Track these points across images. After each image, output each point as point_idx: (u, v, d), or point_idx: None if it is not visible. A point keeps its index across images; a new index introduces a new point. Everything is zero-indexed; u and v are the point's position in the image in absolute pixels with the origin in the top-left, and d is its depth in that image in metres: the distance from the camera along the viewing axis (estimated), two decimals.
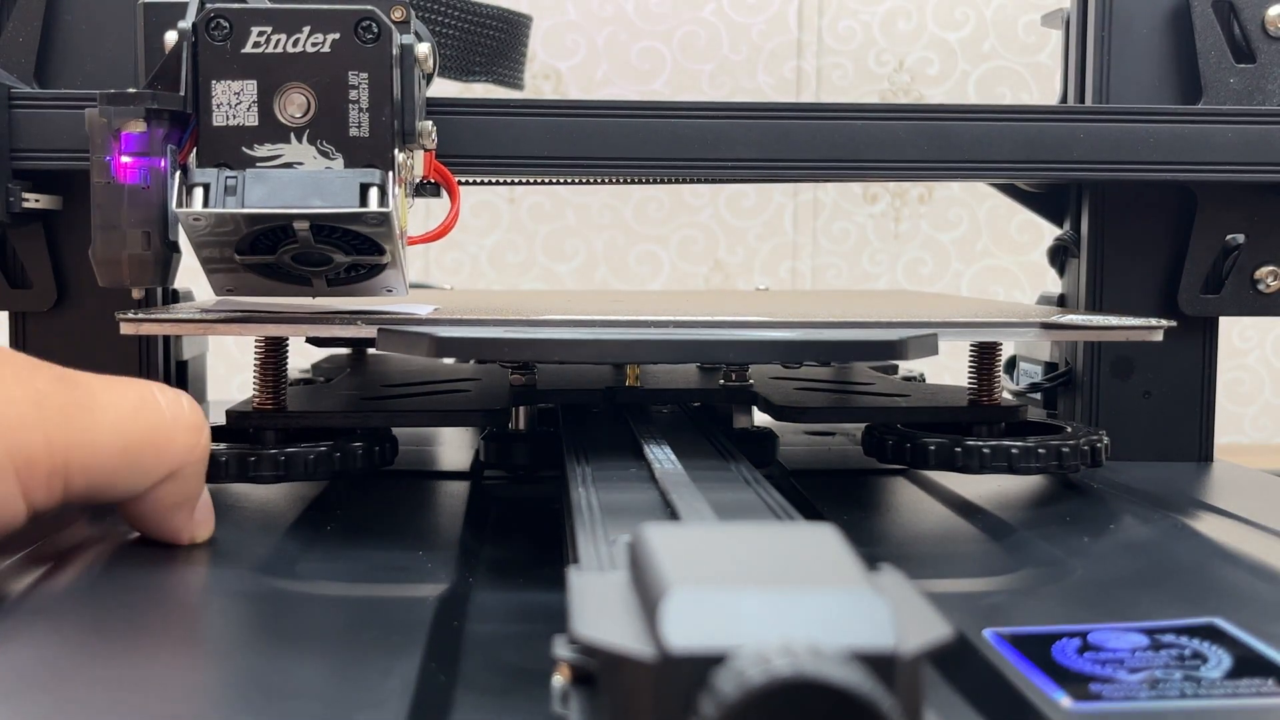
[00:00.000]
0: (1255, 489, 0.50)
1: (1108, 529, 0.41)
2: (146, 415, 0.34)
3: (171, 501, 0.35)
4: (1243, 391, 1.29)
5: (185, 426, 0.34)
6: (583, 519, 0.31)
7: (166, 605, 0.32)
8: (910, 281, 1.28)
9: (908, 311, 0.46)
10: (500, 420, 0.45)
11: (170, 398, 0.35)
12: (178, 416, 0.34)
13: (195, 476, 0.35)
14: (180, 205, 0.37)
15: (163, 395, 0.34)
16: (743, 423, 0.50)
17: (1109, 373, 0.55)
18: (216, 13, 0.38)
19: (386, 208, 0.38)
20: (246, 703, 0.25)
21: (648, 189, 1.25)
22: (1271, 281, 0.53)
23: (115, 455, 0.33)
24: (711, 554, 0.22)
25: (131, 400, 0.34)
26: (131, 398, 0.34)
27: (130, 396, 0.34)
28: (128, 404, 0.33)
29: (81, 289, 0.51)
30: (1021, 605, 0.33)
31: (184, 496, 0.35)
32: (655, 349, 0.37)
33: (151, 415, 0.34)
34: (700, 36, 1.25)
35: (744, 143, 0.48)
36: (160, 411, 0.34)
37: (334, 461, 0.41)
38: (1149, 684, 0.26)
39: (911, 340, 0.37)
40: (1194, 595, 0.33)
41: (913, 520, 0.45)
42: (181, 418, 0.34)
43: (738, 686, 0.18)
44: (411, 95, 0.39)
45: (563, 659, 0.22)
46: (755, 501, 0.33)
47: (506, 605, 0.34)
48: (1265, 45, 0.52)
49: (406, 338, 0.37)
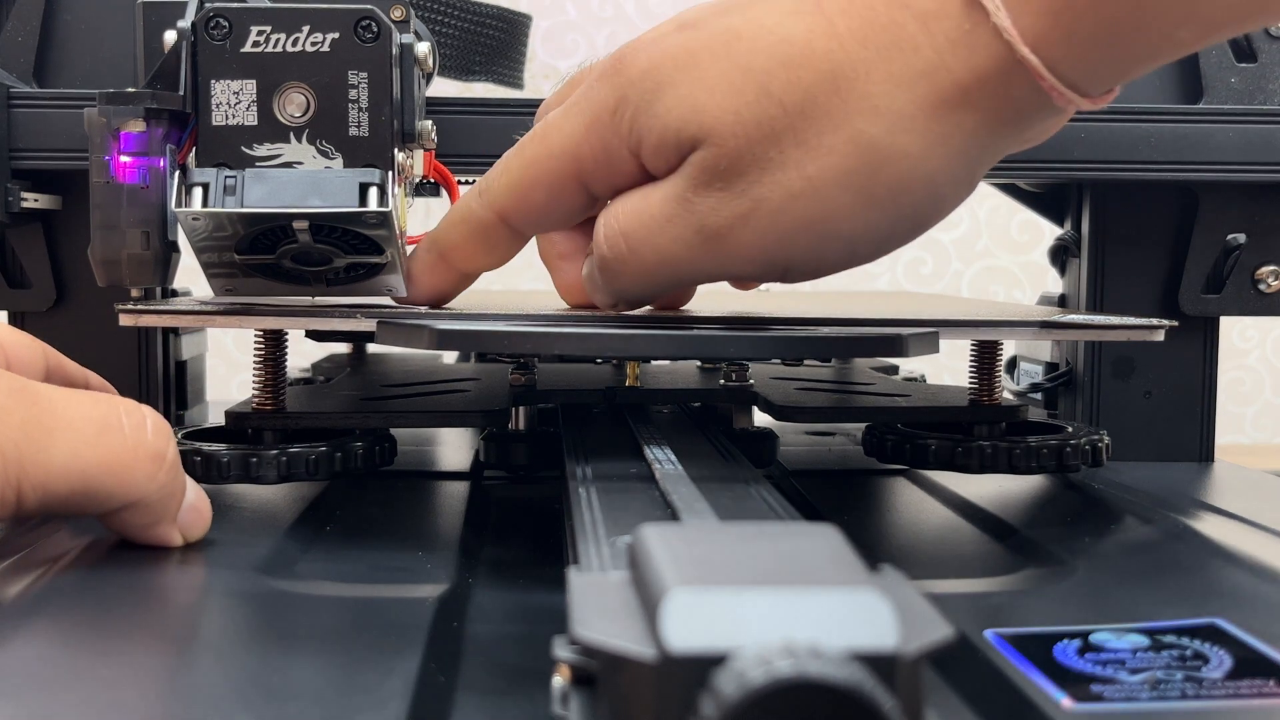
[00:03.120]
0: (1255, 489, 0.50)
1: (1108, 529, 0.41)
2: (107, 441, 0.32)
3: (140, 522, 0.34)
4: (1243, 391, 1.29)
5: (147, 455, 0.33)
6: (583, 519, 0.31)
7: (166, 605, 0.32)
8: (910, 281, 1.28)
9: (908, 311, 0.46)
10: (500, 420, 0.45)
11: (135, 421, 0.33)
12: (139, 444, 0.33)
13: (160, 503, 0.34)
14: (179, 205, 0.37)
15: (128, 419, 0.33)
16: (743, 423, 0.50)
17: (1109, 373, 0.55)
18: (216, 12, 0.38)
19: (386, 207, 0.38)
20: (246, 703, 0.25)
21: None
22: (1272, 281, 0.53)
23: (71, 480, 0.32)
24: (712, 554, 0.22)
25: (94, 422, 0.32)
26: (95, 419, 0.32)
27: (94, 418, 0.32)
28: (90, 427, 0.32)
29: (81, 289, 0.51)
30: (1022, 606, 0.33)
31: (153, 518, 0.34)
32: (655, 344, 0.37)
33: (113, 441, 0.32)
34: None
35: None
36: (122, 437, 0.32)
37: (335, 462, 0.41)
38: (1150, 685, 0.26)
39: (912, 337, 0.37)
40: (1195, 596, 0.33)
41: (913, 520, 0.45)
42: (143, 445, 0.33)
43: (739, 687, 0.18)
44: (411, 95, 0.39)
45: (563, 660, 0.22)
46: (755, 502, 0.33)
47: (506, 605, 0.34)
48: (1266, 45, 0.52)
49: (406, 330, 0.37)
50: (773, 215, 0.33)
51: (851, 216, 0.33)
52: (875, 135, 0.32)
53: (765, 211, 0.33)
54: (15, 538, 0.38)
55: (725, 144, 0.33)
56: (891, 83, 0.32)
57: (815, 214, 0.33)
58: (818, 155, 0.32)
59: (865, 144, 0.32)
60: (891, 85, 0.32)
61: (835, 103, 0.32)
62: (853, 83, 0.32)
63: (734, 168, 0.33)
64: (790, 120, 0.32)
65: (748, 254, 0.34)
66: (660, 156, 0.34)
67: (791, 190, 0.33)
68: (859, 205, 0.33)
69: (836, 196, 0.33)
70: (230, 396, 0.71)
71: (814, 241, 0.34)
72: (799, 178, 0.33)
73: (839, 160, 0.32)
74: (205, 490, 0.37)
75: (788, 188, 0.33)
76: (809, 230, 0.33)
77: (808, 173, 0.33)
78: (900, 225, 0.34)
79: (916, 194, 0.33)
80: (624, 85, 0.35)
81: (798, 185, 0.33)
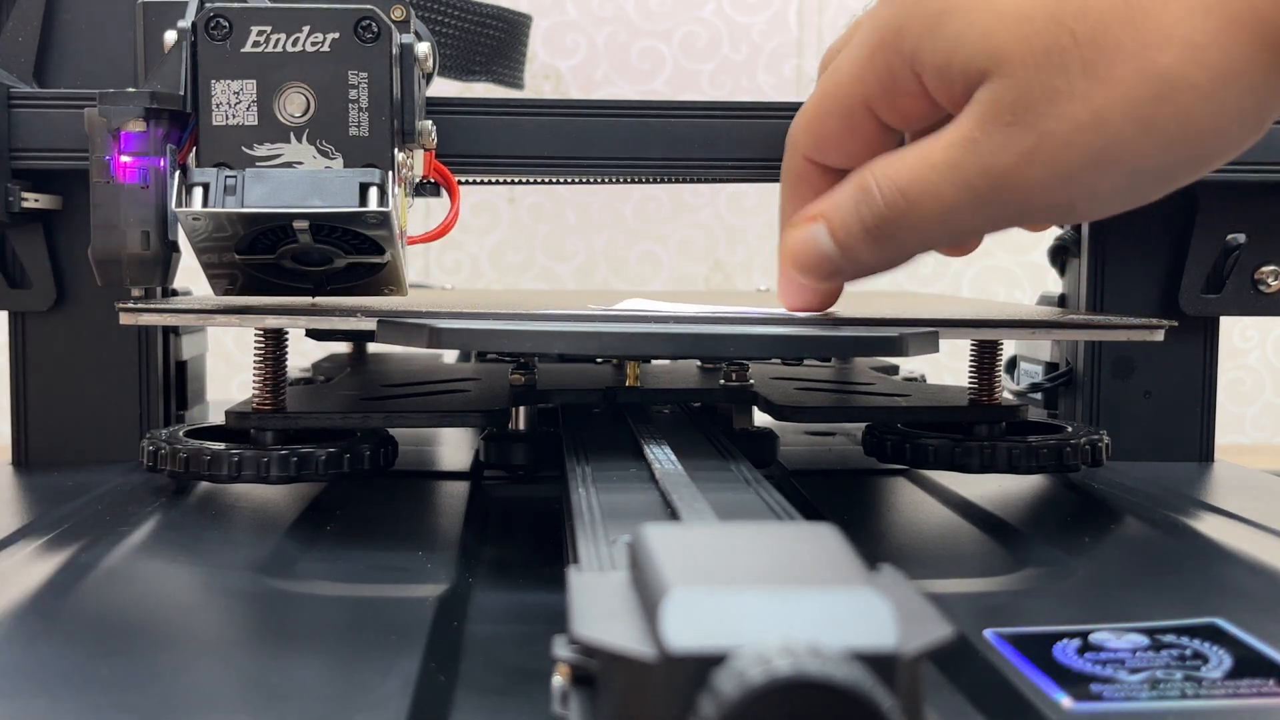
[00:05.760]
0: (1255, 489, 0.50)
1: (1108, 529, 0.41)
2: None
3: None
4: (1243, 391, 1.29)
5: None
6: (583, 519, 0.31)
7: (166, 605, 0.32)
8: (910, 281, 1.28)
9: (908, 311, 0.46)
10: (500, 420, 0.45)
11: None
12: None
13: None
14: (179, 205, 0.37)
15: None
16: (743, 423, 0.50)
17: (1109, 373, 0.55)
18: (216, 12, 0.38)
19: (386, 207, 0.38)
20: (246, 703, 0.25)
21: (648, 189, 1.25)
22: (1272, 281, 0.53)
23: None
24: (712, 554, 0.22)
25: None
26: None
27: None
28: None
29: (81, 289, 0.51)
30: (1022, 605, 0.33)
31: None
32: (656, 342, 0.37)
33: None
34: (700, 36, 1.25)
35: (744, 143, 0.48)
36: None
37: (341, 463, 0.41)
38: (1150, 684, 0.26)
39: (912, 337, 0.37)
40: (1194, 595, 0.33)
41: (913, 520, 0.45)
42: None
43: (738, 686, 0.18)
44: (411, 95, 0.39)
45: (563, 659, 0.22)
46: (755, 502, 0.33)
47: (506, 605, 0.34)
48: None
49: (405, 329, 0.37)
50: (1058, 150, 0.32)
51: (1135, 150, 0.32)
52: (1166, 65, 0.31)
53: (1051, 146, 0.32)
54: (15, 537, 0.38)
55: (1015, 74, 0.32)
56: (1188, 10, 0.31)
57: (1099, 147, 0.32)
58: (1106, 86, 0.32)
59: (1155, 75, 0.31)
60: (1188, 13, 0.31)
61: (1128, 33, 0.31)
62: (1148, 12, 0.31)
63: (1022, 100, 0.32)
64: (1081, 50, 0.32)
65: (1033, 193, 0.33)
66: (944, 82, 0.34)
67: (1079, 122, 0.32)
68: (1143, 138, 0.32)
69: (1122, 129, 0.32)
70: (230, 396, 0.71)
71: (1097, 177, 0.33)
72: (1086, 110, 0.32)
73: (1126, 91, 0.32)
74: (206, 490, 0.37)
75: (1074, 120, 0.32)
76: (1094, 165, 0.33)
77: (1095, 105, 0.32)
78: (1184, 160, 0.33)
79: (1202, 128, 0.32)
80: (908, 7, 0.34)
81: (1084, 117, 0.32)
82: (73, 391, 0.52)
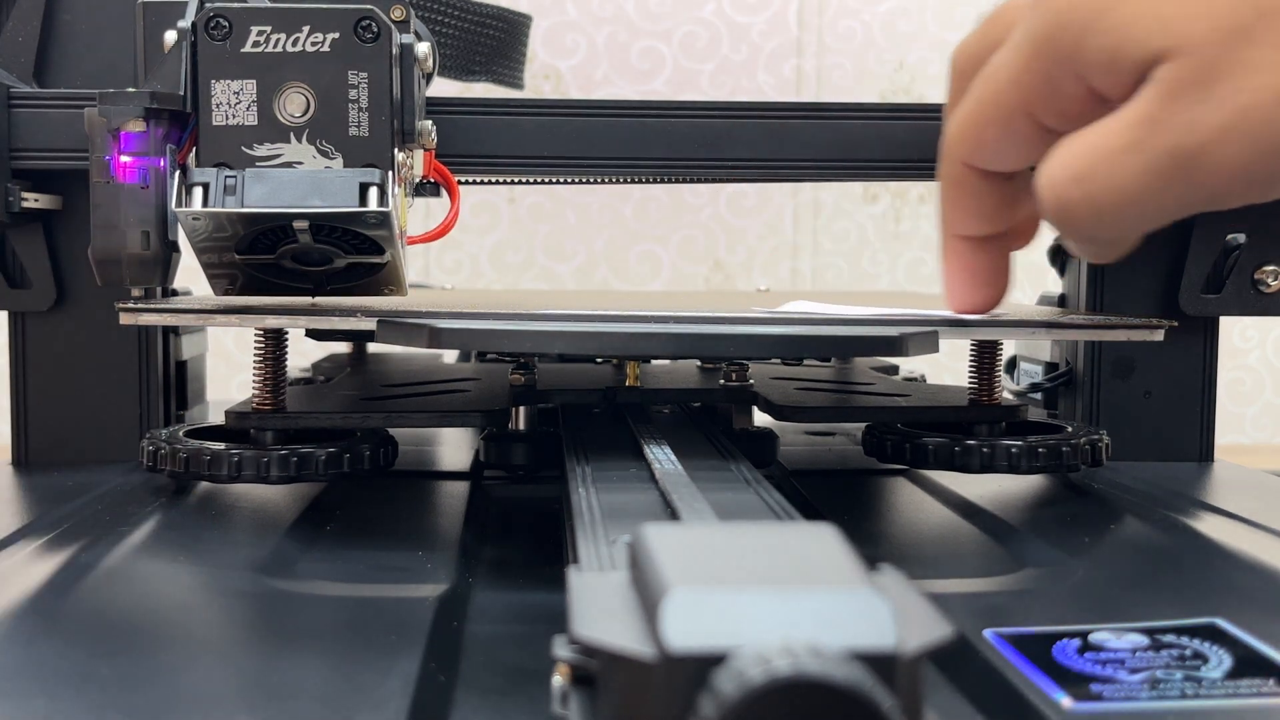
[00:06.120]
0: (1255, 489, 0.50)
1: (1108, 529, 0.41)
2: None
3: None
4: (1243, 391, 1.29)
5: None
6: (583, 519, 0.31)
7: (166, 605, 0.32)
8: (911, 281, 1.28)
9: (908, 310, 0.45)
10: (500, 420, 0.45)
11: None
12: None
13: None
14: (179, 205, 0.37)
15: None
16: (743, 423, 0.50)
17: (1109, 373, 0.55)
18: (216, 12, 0.38)
19: (386, 207, 0.38)
20: (246, 703, 0.25)
21: (648, 189, 1.25)
22: (1272, 281, 0.53)
23: None
24: (712, 554, 0.22)
25: None
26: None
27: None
28: None
29: (81, 289, 0.51)
30: (1022, 605, 0.33)
31: None
32: (656, 342, 0.37)
33: None
34: (700, 36, 1.25)
35: (744, 143, 0.48)
36: None
37: (342, 463, 0.41)
38: (1149, 684, 0.26)
39: (912, 337, 0.37)
40: (1194, 595, 0.33)
41: (913, 520, 0.45)
42: None
43: (738, 686, 0.18)
44: (411, 95, 0.39)
45: (563, 659, 0.22)
46: (755, 502, 0.33)
47: (506, 605, 0.34)
48: None
49: (405, 329, 0.37)
50: (1260, 125, 0.32)
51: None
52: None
53: (1252, 121, 0.32)
54: (14, 537, 0.38)
55: (1200, 51, 0.31)
56: None
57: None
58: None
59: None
60: None
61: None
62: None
63: (1212, 76, 0.32)
64: (1267, 21, 0.31)
65: (1228, 171, 0.32)
66: (1113, 75, 0.33)
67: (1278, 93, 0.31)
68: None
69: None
70: (230, 396, 0.71)
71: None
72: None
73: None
74: (206, 490, 0.37)
75: (1276, 90, 0.31)
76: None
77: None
78: None
79: None
80: (1062, 8, 0.34)
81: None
82: (73, 391, 0.52)
